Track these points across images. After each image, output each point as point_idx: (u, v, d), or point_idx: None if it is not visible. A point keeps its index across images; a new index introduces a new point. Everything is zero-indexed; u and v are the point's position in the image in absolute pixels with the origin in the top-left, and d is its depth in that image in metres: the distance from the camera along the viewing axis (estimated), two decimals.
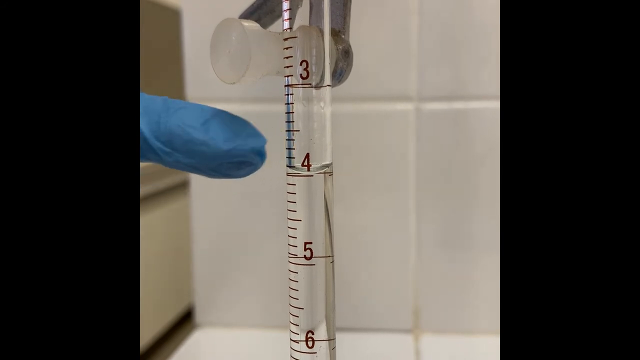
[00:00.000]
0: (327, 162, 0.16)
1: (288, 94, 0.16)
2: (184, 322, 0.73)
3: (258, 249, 0.45)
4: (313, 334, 0.16)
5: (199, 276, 0.46)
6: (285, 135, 0.42)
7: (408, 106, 0.42)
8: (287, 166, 0.16)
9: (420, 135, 0.42)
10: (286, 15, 0.17)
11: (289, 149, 0.16)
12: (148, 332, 0.93)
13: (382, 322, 0.44)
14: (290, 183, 0.16)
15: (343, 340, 0.30)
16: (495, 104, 0.41)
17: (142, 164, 0.18)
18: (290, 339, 0.17)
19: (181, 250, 0.56)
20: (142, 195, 0.86)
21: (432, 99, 0.42)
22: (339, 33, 0.20)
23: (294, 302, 0.17)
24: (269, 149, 0.44)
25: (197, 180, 0.45)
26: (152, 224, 0.91)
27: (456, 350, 0.42)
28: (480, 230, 0.42)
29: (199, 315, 0.47)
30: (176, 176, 0.97)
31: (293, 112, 0.16)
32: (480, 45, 0.41)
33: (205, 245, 0.46)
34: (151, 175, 0.87)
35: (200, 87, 0.44)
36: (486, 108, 0.41)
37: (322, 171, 0.16)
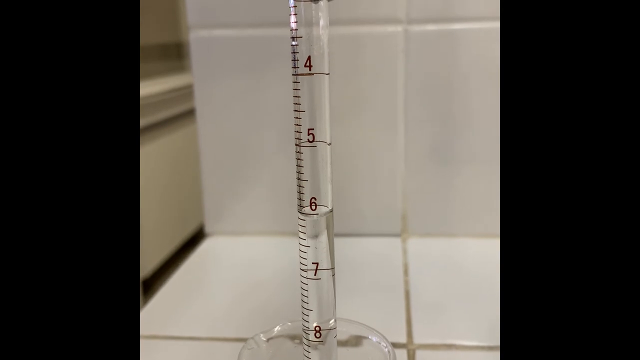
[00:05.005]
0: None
1: (293, 7, 0.20)
2: (197, 238, 0.79)
3: (263, 164, 0.49)
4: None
5: (207, 190, 0.50)
6: (283, 53, 0.45)
7: (397, 28, 0.45)
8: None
9: (409, 56, 0.45)
10: None
11: (294, 53, 0.20)
12: (163, 250, 0.99)
13: (374, 227, 0.49)
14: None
15: (340, 243, 0.34)
16: (480, 25, 0.44)
17: (152, 93, 0.20)
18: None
19: (193, 172, 0.60)
20: (153, 121, 0.90)
21: (420, 21, 0.45)
22: None
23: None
24: (271, 68, 0.47)
25: (202, 105, 0.48)
26: (165, 147, 0.94)
27: (439, 250, 0.47)
28: (463, 144, 0.46)
29: (208, 226, 0.51)
30: (183, 105, 0.99)
31: (297, 22, 0.20)
32: None
33: (212, 162, 0.50)
34: (159, 103, 0.90)
35: (202, 13, 0.47)
36: (471, 29, 0.44)
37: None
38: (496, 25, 0.44)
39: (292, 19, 0.20)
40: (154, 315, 0.38)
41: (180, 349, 0.34)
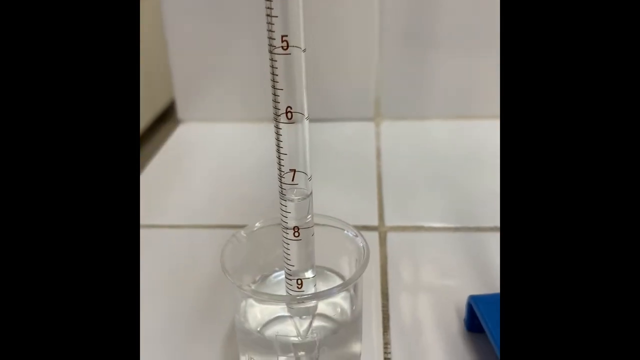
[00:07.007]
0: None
1: None
2: (167, 118, 0.77)
3: (235, 48, 0.47)
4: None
5: (177, 73, 0.49)
6: None
7: None
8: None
9: None
10: None
11: None
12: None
13: (346, 112, 0.49)
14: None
15: (314, 129, 0.35)
16: None
17: None
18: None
19: (158, 48, 0.57)
20: None
21: None
22: None
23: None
24: None
25: None
26: None
27: (412, 133, 0.48)
28: (438, 26, 0.45)
29: (180, 112, 0.51)
30: None
31: None
32: None
33: (180, 43, 0.48)
34: None
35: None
36: None
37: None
38: None
39: None
40: None
41: (161, 237, 0.35)
